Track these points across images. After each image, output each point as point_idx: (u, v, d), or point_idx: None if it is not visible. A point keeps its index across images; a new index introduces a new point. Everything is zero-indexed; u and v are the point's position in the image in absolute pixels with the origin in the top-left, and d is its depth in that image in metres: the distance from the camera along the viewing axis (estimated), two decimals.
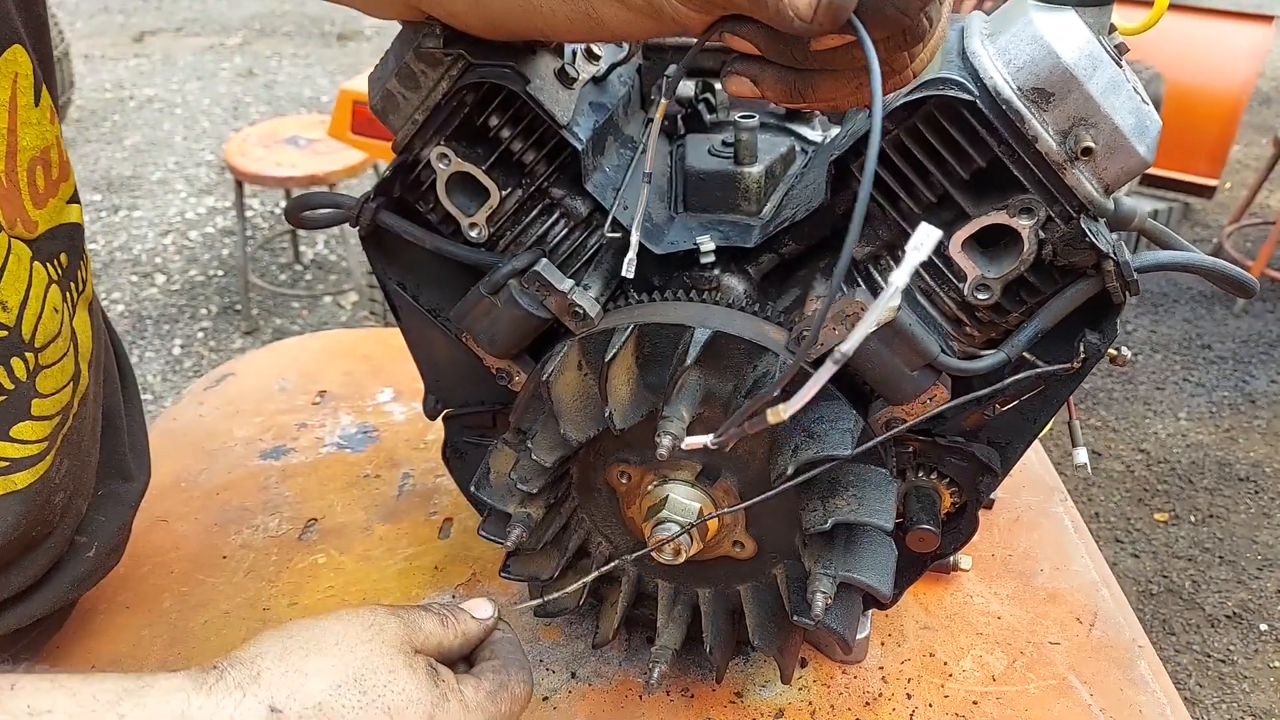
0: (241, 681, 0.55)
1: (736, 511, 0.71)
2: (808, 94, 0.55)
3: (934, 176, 0.63)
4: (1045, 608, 0.91)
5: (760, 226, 0.74)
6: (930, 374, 0.65)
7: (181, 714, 0.53)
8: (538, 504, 0.74)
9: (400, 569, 0.98)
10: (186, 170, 5.04)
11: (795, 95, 0.55)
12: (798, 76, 0.55)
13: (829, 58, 0.53)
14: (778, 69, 0.54)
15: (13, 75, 0.70)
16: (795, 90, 0.55)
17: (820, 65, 0.54)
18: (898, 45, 0.53)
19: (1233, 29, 3.85)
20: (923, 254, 0.47)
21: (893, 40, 0.52)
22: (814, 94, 0.55)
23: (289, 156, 3.43)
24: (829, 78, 0.54)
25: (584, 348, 0.71)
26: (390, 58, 0.75)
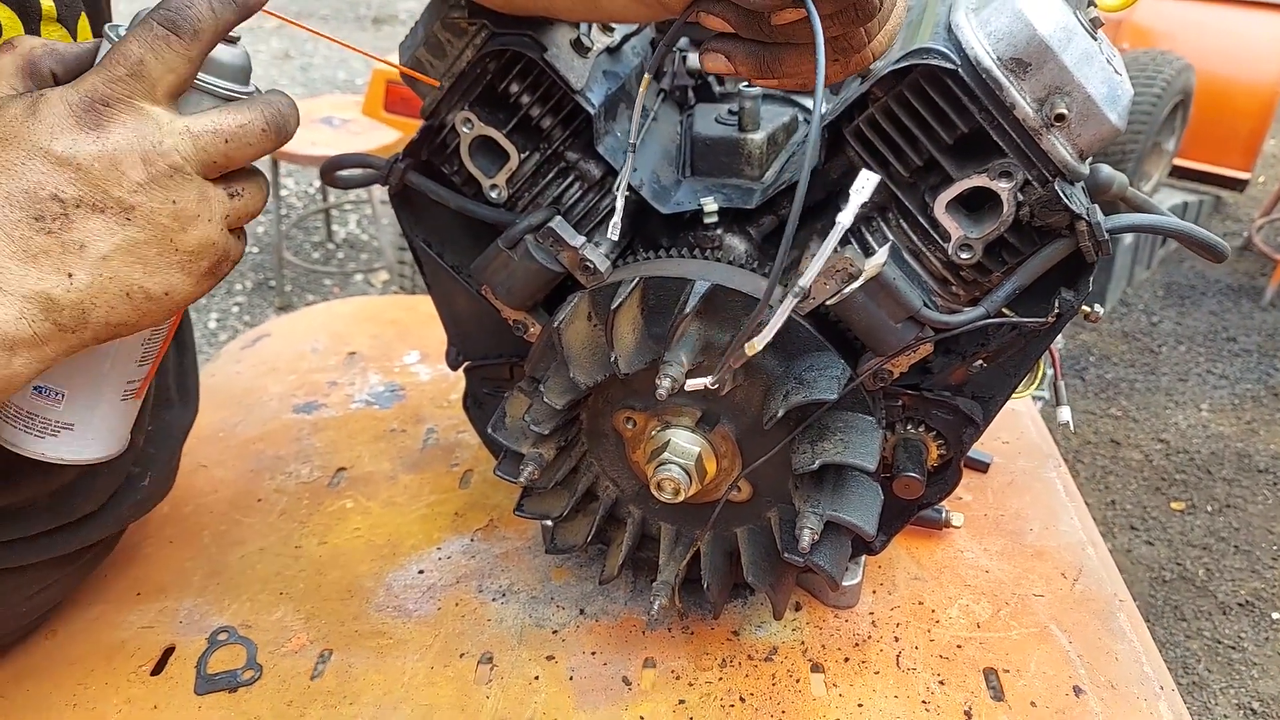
0: None
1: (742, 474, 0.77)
2: (776, 69, 0.60)
3: (920, 142, 0.68)
4: (1032, 563, 0.95)
5: (761, 190, 0.79)
6: (913, 326, 0.70)
7: None
8: (549, 445, 0.80)
9: (422, 514, 1.04)
10: None
11: (765, 70, 0.60)
12: (767, 52, 0.59)
13: (791, 31, 0.57)
14: (749, 45, 0.59)
15: None
16: (765, 65, 0.60)
17: (785, 39, 0.58)
18: (850, 20, 0.57)
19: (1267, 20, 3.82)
20: (864, 195, 0.52)
21: (844, 15, 0.56)
22: (782, 69, 0.60)
23: (323, 136, 3.51)
24: (795, 52, 0.59)
25: (594, 300, 0.76)
26: (419, 27, 0.80)
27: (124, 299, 0.59)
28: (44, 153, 0.56)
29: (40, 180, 0.56)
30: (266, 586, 0.95)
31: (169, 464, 0.96)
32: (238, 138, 0.62)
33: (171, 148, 0.59)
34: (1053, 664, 0.84)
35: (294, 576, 0.96)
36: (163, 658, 0.87)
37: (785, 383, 0.72)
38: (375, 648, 0.88)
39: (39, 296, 0.57)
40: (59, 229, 0.57)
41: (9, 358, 0.57)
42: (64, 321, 0.58)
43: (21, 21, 0.69)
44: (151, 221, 0.59)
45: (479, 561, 0.97)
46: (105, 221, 0.58)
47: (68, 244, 0.57)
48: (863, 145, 0.71)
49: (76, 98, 0.57)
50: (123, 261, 0.59)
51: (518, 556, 0.98)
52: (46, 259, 0.57)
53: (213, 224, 0.62)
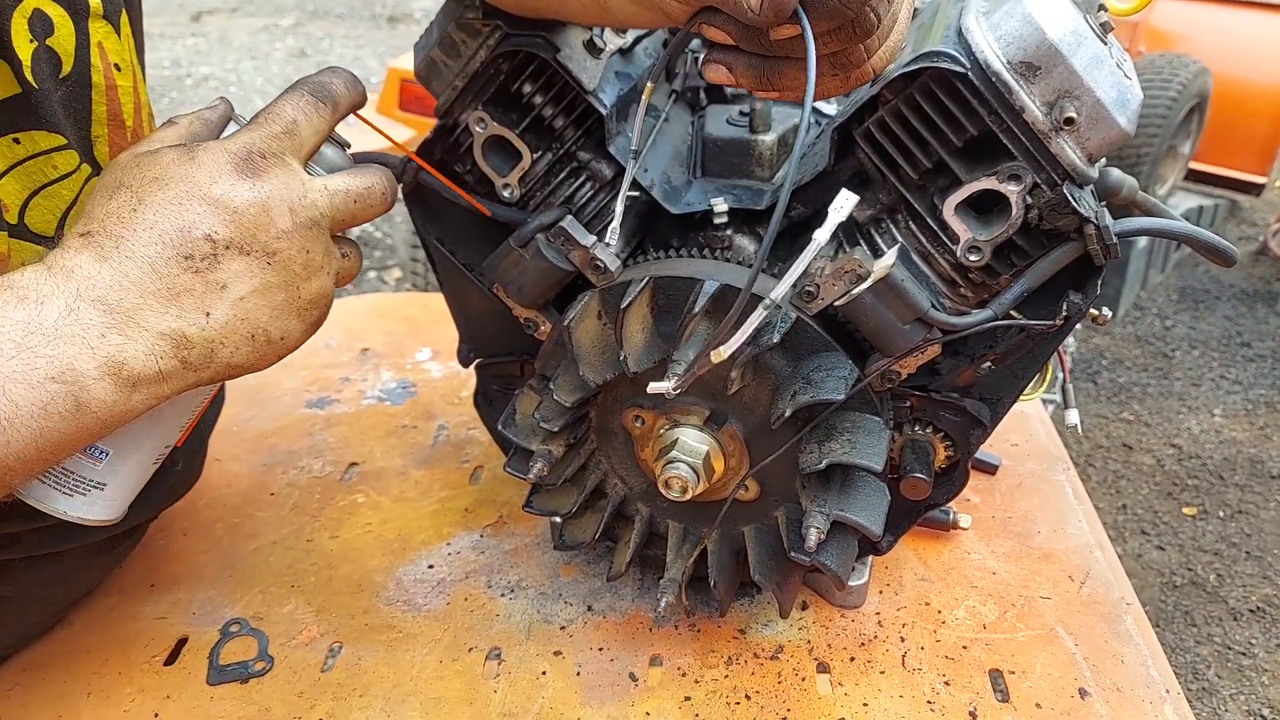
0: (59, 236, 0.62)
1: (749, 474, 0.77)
2: (775, 81, 0.61)
3: (930, 144, 0.68)
4: (1039, 565, 0.95)
5: (771, 191, 0.80)
6: (921, 328, 0.70)
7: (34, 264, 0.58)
8: (558, 442, 0.80)
9: (433, 510, 1.05)
10: None
11: (764, 82, 0.61)
12: (767, 65, 0.60)
13: (791, 46, 0.58)
14: (749, 58, 0.60)
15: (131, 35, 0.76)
16: (764, 78, 0.61)
17: (785, 54, 0.59)
18: (848, 37, 0.57)
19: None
20: (842, 214, 0.53)
21: (842, 32, 0.57)
22: (781, 82, 0.61)
23: (343, 134, 3.53)
24: (795, 66, 0.60)
25: (604, 299, 0.77)
26: (434, 28, 0.81)
27: (249, 340, 0.63)
28: (202, 195, 0.60)
29: (196, 220, 0.60)
30: (278, 579, 0.96)
31: (198, 453, 0.98)
32: (363, 199, 0.69)
33: (313, 202, 0.64)
34: (1058, 666, 0.84)
35: (305, 570, 0.97)
36: (176, 648, 0.88)
37: (793, 383, 0.72)
38: (385, 641, 0.89)
39: (174, 334, 0.59)
40: (206, 268, 0.60)
41: (129, 394, 0.59)
42: (191, 360, 0.61)
43: (70, 18, 0.71)
44: (287, 268, 0.63)
45: (488, 557, 0.98)
46: (249, 264, 0.61)
47: (211, 283, 0.60)
48: (872, 147, 0.71)
49: (236, 147, 0.62)
50: (256, 304, 0.62)
51: (526, 553, 0.99)
52: (189, 297, 0.60)
53: (329, 278, 0.67)
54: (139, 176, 0.61)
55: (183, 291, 0.59)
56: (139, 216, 0.59)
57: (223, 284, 0.60)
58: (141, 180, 0.60)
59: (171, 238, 0.59)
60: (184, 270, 0.59)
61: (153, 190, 0.60)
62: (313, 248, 0.64)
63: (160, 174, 0.61)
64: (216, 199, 0.60)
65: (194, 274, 0.59)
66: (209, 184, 0.60)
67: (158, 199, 0.60)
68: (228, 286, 0.60)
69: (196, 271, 0.59)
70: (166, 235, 0.59)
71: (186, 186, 0.60)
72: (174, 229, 0.59)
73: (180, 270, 0.59)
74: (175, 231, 0.59)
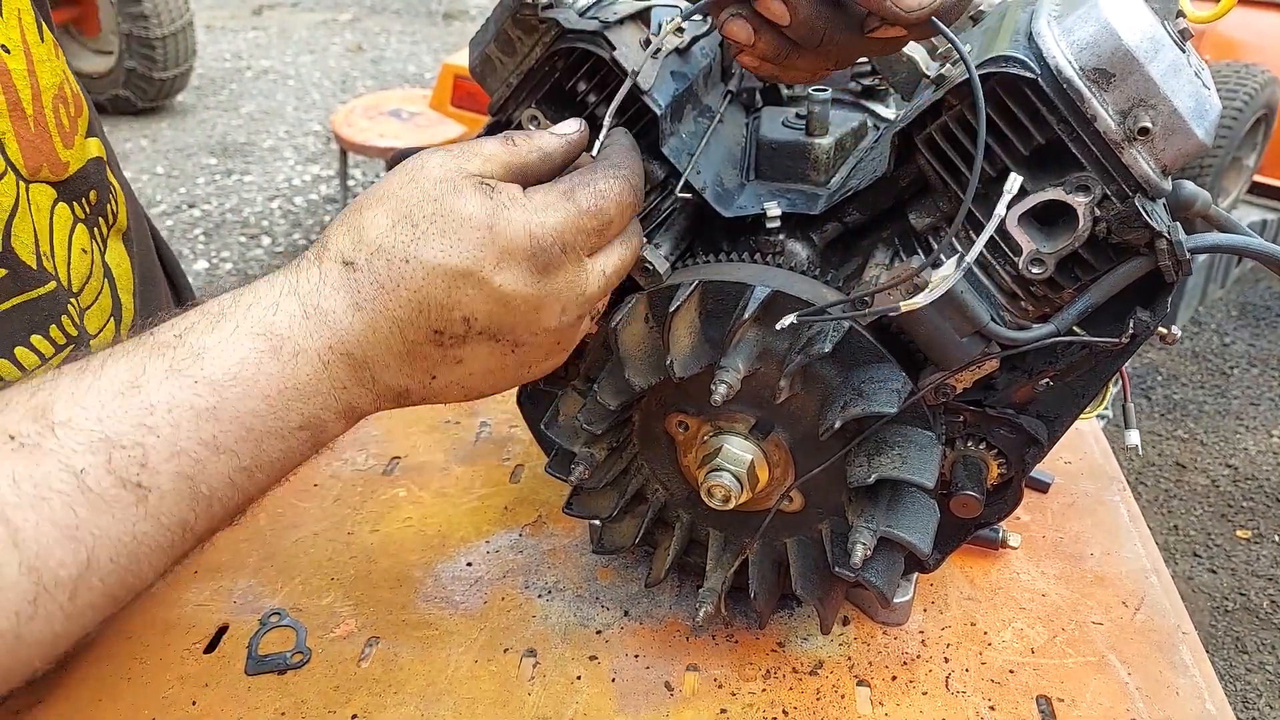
0: (318, 254, 0.59)
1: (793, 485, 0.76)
2: (791, 62, 0.59)
3: (995, 152, 0.66)
4: (1091, 589, 0.92)
5: (826, 196, 0.78)
6: (979, 341, 0.68)
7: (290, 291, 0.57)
8: (600, 445, 0.79)
9: (473, 507, 1.05)
10: (295, 139, 5.26)
11: (779, 58, 0.59)
12: (790, 45, 0.59)
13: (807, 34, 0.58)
14: (776, 31, 0.58)
15: (16, 12, 0.71)
16: (782, 54, 0.59)
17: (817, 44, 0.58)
18: None
19: None
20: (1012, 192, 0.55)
21: None
22: (795, 63, 0.59)
23: (391, 128, 3.57)
24: (814, 53, 0.59)
25: (652, 302, 0.75)
26: (490, 24, 0.81)
27: (460, 395, 0.63)
28: (482, 278, 0.58)
29: (463, 301, 0.58)
30: (318, 571, 0.97)
31: None
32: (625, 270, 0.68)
33: (589, 295, 0.63)
34: (1109, 695, 0.81)
35: (345, 563, 0.97)
36: (216, 636, 0.89)
37: (843, 393, 0.71)
38: (421, 638, 0.88)
39: (400, 389, 0.60)
40: (450, 345, 0.59)
41: (346, 424, 0.61)
42: (404, 403, 0.63)
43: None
44: (530, 354, 0.63)
45: (526, 557, 0.98)
46: (492, 349, 0.60)
47: (449, 357, 0.60)
48: (934, 154, 0.69)
49: (545, 235, 0.59)
50: (482, 376, 0.62)
51: (565, 554, 0.98)
52: (423, 362, 0.59)
53: (567, 354, 0.68)
54: (429, 215, 0.57)
55: (419, 356, 0.59)
56: (408, 272, 0.57)
57: (459, 359, 0.60)
58: (430, 224, 0.57)
59: (431, 310, 0.57)
60: (428, 340, 0.58)
61: (434, 244, 0.57)
62: (567, 337, 0.64)
63: (450, 227, 0.57)
64: (495, 288, 0.58)
65: (436, 346, 0.59)
66: (494, 268, 0.58)
67: (434, 260, 0.57)
68: (464, 362, 0.60)
69: (440, 345, 0.59)
70: (427, 306, 0.57)
71: (470, 261, 0.57)
72: (437, 303, 0.57)
73: (425, 339, 0.58)
74: (437, 306, 0.58)
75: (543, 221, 0.59)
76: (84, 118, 0.82)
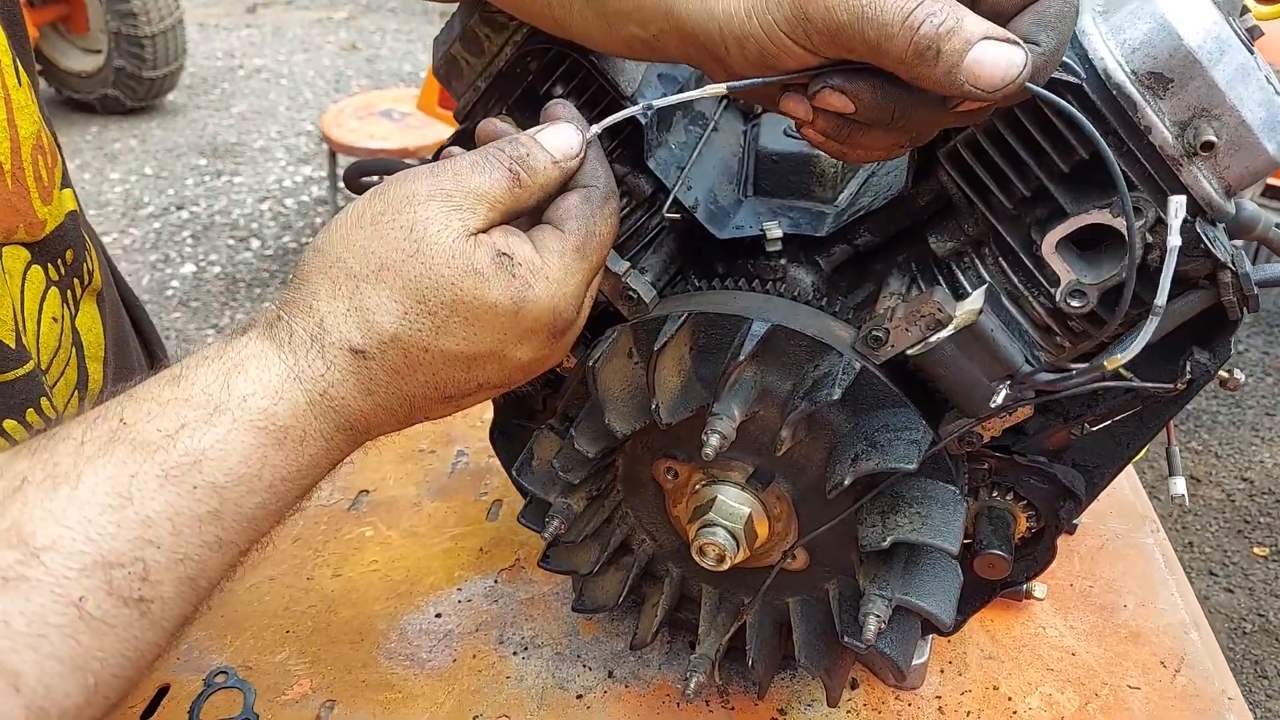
0: (312, 333, 0.51)
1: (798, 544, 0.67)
2: (858, 140, 0.52)
3: (1029, 168, 0.57)
4: (1126, 647, 0.83)
5: (834, 215, 0.69)
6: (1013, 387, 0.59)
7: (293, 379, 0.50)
8: (579, 495, 0.71)
9: (445, 548, 0.96)
10: (287, 139, 5.17)
11: (844, 137, 0.52)
12: (857, 125, 0.51)
13: None
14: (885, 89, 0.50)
15: None
16: (845, 133, 0.52)
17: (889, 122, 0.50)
18: None
19: None
20: None
21: None
22: (863, 141, 0.52)
23: (382, 129, 3.48)
24: (886, 130, 0.50)
25: (636, 334, 0.67)
26: (455, 21, 0.72)
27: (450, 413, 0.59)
28: (503, 355, 0.54)
29: (479, 375, 0.55)
30: (273, 622, 0.88)
31: None
32: None
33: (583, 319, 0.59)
34: None
35: (302, 613, 0.89)
36: (155, 699, 0.80)
37: (853, 443, 0.62)
38: (383, 702, 0.80)
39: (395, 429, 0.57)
40: (457, 400, 0.56)
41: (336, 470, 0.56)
42: None
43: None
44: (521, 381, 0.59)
45: (501, 607, 0.89)
46: (492, 393, 0.58)
47: (451, 407, 0.57)
48: (959, 169, 0.60)
49: (567, 309, 0.55)
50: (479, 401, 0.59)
51: (544, 604, 0.89)
52: (424, 415, 0.56)
53: None
54: (448, 302, 0.51)
55: (423, 413, 0.56)
56: (426, 360, 0.53)
57: (462, 406, 0.57)
58: (450, 313, 0.51)
59: (445, 385, 0.54)
60: (436, 403, 0.55)
61: (455, 335, 0.52)
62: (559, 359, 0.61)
63: (473, 316, 0.52)
64: (514, 360, 0.55)
65: (444, 404, 0.56)
66: (516, 345, 0.54)
67: (456, 350, 0.53)
68: (462, 406, 0.57)
69: (447, 403, 0.56)
70: (442, 383, 0.54)
71: (494, 345, 0.53)
72: (454, 380, 0.54)
73: (433, 403, 0.55)
74: (453, 382, 0.54)
75: (565, 292, 0.55)
76: (59, 167, 0.76)
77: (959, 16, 0.46)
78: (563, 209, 0.55)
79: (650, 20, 0.54)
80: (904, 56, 0.46)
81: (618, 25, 0.56)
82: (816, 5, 0.47)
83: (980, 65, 0.46)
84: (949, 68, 0.46)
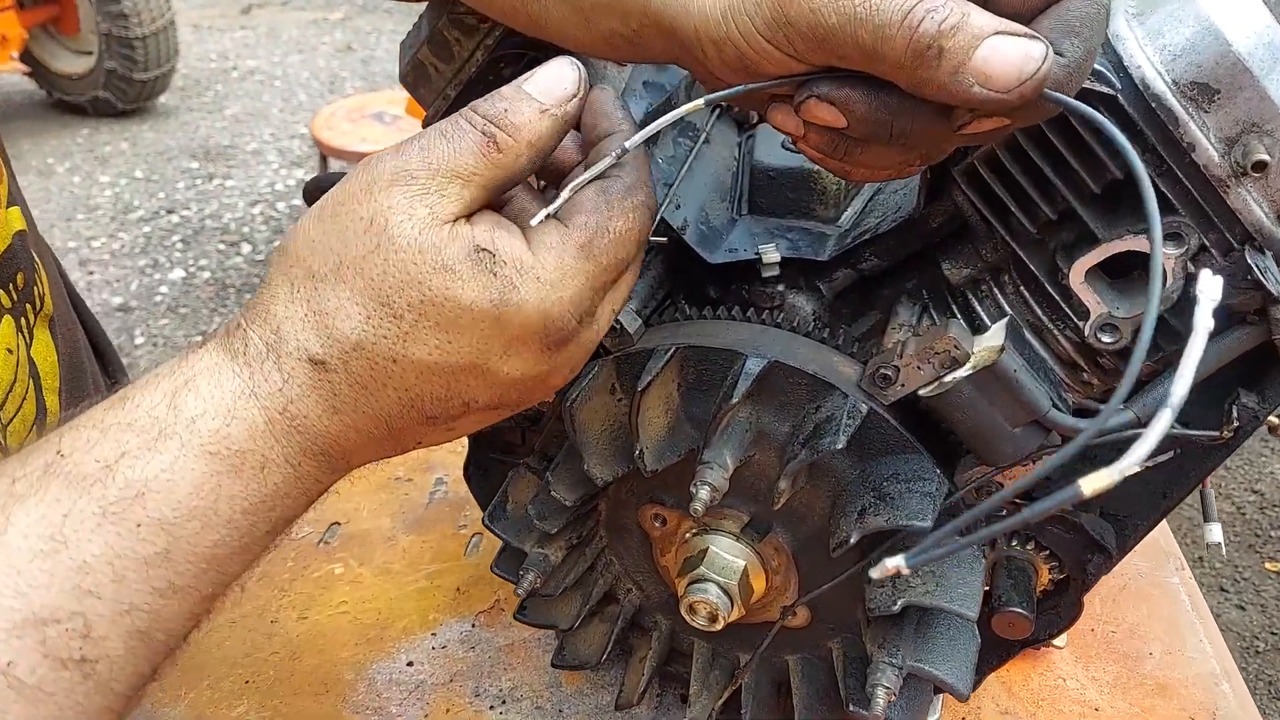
0: (269, 342, 0.45)
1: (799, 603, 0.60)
2: (857, 159, 0.45)
3: (1056, 188, 0.51)
4: (1153, 701, 0.77)
5: (837, 236, 0.63)
6: (1037, 432, 0.53)
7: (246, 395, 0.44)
8: (557, 544, 0.64)
9: (420, 587, 0.90)
10: (280, 142, 5.11)
11: (840, 153, 0.45)
12: (852, 140, 0.44)
13: None
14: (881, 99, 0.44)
15: None
16: (842, 149, 0.45)
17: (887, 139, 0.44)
18: None
19: None
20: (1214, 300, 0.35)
21: None
22: (863, 160, 0.45)
23: (373, 132, 3.42)
24: (888, 147, 0.44)
25: (619, 369, 0.60)
26: (422, 24, 0.66)
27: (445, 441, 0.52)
28: (487, 369, 0.46)
29: (463, 392, 0.47)
30: (232, 670, 0.81)
31: None
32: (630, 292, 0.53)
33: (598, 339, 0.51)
34: None
35: (264, 660, 0.82)
36: None
37: (860, 493, 0.55)
38: None
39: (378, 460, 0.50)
40: (444, 422, 0.48)
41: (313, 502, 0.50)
42: None
43: None
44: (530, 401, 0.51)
45: (479, 654, 0.82)
46: (491, 414, 0.50)
47: (439, 430, 0.49)
48: (976, 189, 0.54)
49: (561, 315, 0.46)
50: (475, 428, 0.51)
51: (524, 650, 0.83)
52: (410, 439, 0.49)
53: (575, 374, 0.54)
54: (414, 303, 0.44)
55: (406, 436, 0.48)
56: (395, 372, 0.45)
57: (452, 429, 0.49)
58: (418, 316, 0.44)
59: (424, 404, 0.47)
60: (419, 424, 0.48)
61: (426, 342, 0.44)
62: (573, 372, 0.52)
63: (445, 320, 0.44)
64: (501, 375, 0.47)
65: (428, 426, 0.48)
66: (501, 357, 0.46)
67: (428, 360, 0.45)
68: (456, 429, 0.50)
69: (433, 425, 0.48)
70: (419, 400, 0.46)
71: (473, 356, 0.45)
72: (432, 397, 0.46)
73: (415, 424, 0.48)
74: (432, 399, 0.46)
75: (560, 297, 0.46)
76: (3, 183, 0.70)
77: (965, 11, 0.39)
78: (574, 202, 0.47)
79: (630, 13, 0.47)
80: (902, 60, 0.40)
81: (596, 20, 0.49)
82: (799, 7, 0.40)
83: (989, 62, 0.39)
84: (954, 68, 0.39)
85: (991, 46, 0.39)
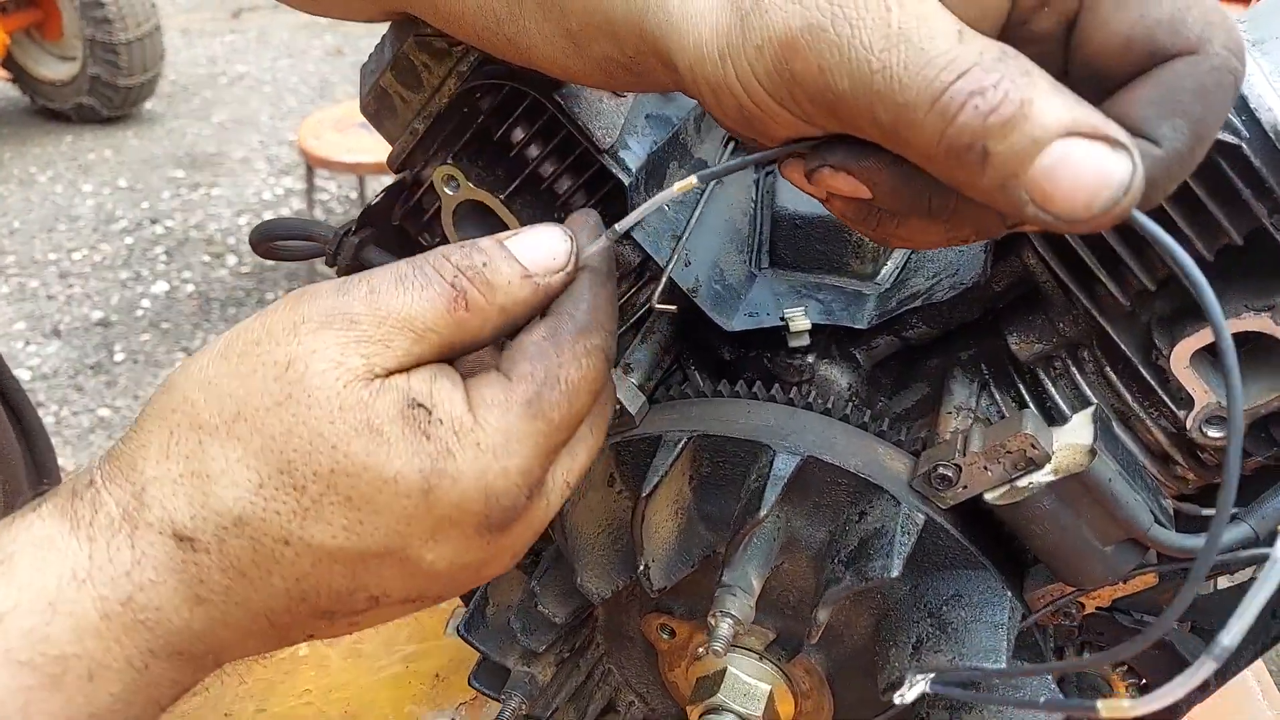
0: (126, 507, 0.36)
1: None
2: (887, 230, 0.36)
3: (1155, 254, 0.41)
4: None
5: (877, 298, 0.53)
6: (1134, 551, 0.43)
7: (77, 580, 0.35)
8: (545, 662, 0.55)
9: (395, 673, 0.80)
10: (269, 150, 5.00)
11: (869, 224, 0.37)
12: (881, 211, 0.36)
13: None
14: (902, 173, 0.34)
15: None
16: (873, 221, 0.36)
17: None
18: None
19: None
20: None
21: None
22: (897, 231, 0.36)
23: (361, 142, 3.31)
24: (928, 221, 0.35)
25: (619, 456, 0.51)
26: (385, 46, 0.56)
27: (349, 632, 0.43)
28: (405, 559, 0.37)
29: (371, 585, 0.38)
30: None
31: None
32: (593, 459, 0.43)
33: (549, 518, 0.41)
34: None
35: None
36: None
37: (913, 616, 0.46)
38: None
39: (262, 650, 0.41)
40: (345, 618, 0.39)
41: None
42: None
43: None
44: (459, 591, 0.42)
45: None
46: (400, 609, 0.40)
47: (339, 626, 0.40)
48: (1054, 251, 0.44)
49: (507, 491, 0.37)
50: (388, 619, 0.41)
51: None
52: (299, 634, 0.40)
53: None
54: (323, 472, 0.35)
55: (294, 632, 0.40)
56: (286, 556, 0.36)
57: (356, 624, 0.40)
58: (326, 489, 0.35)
59: (319, 597, 0.37)
60: (311, 619, 0.39)
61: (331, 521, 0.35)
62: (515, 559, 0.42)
63: (361, 495, 0.35)
64: (424, 565, 0.37)
65: (324, 621, 0.39)
66: (425, 543, 0.37)
67: (331, 545, 0.36)
68: (357, 624, 0.41)
69: (330, 620, 0.39)
70: (314, 594, 0.37)
71: (391, 541, 0.36)
72: (330, 590, 0.37)
73: (307, 619, 0.39)
74: (329, 593, 0.37)
75: (504, 468, 0.37)
76: None
77: (1023, 96, 0.28)
78: (516, 348, 0.38)
79: (624, 37, 0.38)
80: (932, 153, 0.30)
81: (587, 44, 0.40)
82: (805, 62, 0.31)
83: (1054, 183, 0.29)
84: (1003, 179, 0.29)
85: (1058, 156, 0.28)
